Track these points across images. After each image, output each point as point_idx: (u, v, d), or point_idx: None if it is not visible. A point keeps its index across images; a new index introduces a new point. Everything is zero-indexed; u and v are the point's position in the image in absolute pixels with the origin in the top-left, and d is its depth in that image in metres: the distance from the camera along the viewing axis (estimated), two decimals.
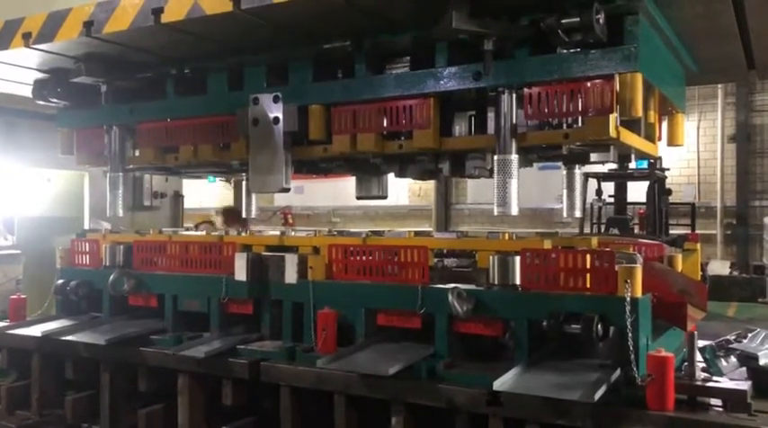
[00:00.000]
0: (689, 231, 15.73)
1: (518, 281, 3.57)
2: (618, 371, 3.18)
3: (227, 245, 4.48)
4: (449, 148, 4.09)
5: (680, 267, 4.49)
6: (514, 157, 3.65)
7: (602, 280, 3.36)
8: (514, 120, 3.66)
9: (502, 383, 3.10)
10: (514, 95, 3.64)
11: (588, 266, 3.41)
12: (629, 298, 3.19)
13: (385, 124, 3.99)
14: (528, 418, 3.16)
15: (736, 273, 17.03)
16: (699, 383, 3.12)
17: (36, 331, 4.62)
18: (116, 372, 4.49)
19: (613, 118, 3.43)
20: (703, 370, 3.29)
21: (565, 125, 3.78)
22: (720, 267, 17.15)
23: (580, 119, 3.62)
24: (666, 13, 3.68)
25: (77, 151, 5.32)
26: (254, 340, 4.24)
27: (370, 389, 3.54)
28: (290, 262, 4.15)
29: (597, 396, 2.90)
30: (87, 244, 5.14)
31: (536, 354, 3.46)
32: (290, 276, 4.14)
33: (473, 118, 4.13)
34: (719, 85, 17.52)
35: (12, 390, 4.87)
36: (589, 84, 3.43)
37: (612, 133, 3.46)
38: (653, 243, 4.41)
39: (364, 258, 4.03)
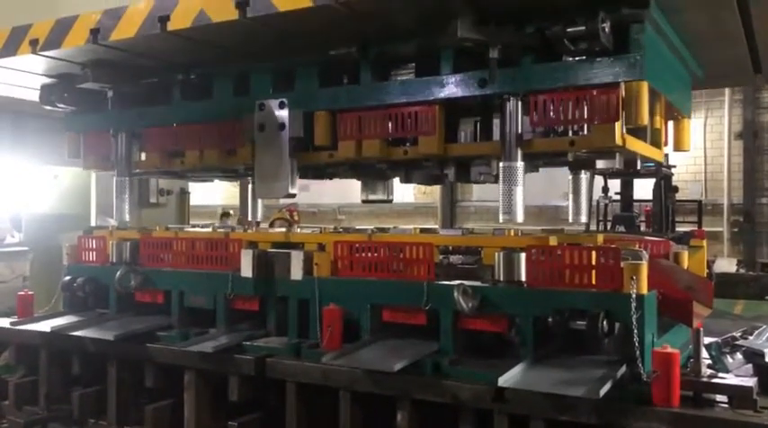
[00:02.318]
0: (695, 228, 15.69)
1: (523, 278, 3.58)
2: (623, 368, 3.18)
3: (233, 241, 4.49)
4: (454, 155, 4.07)
5: (686, 264, 4.49)
6: (520, 165, 3.63)
7: (607, 277, 3.36)
8: (520, 128, 3.64)
9: (507, 379, 3.11)
10: (520, 102, 3.63)
11: (594, 263, 3.41)
12: (634, 295, 3.20)
13: (390, 130, 3.98)
14: (533, 414, 3.17)
15: (743, 271, 16.98)
16: (704, 379, 3.12)
17: (43, 327, 4.65)
18: (123, 368, 4.51)
19: (619, 126, 3.42)
20: (709, 366, 3.29)
21: (570, 132, 3.77)
22: (727, 265, 17.10)
23: (586, 126, 3.61)
24: (672, 19, 3.66)
25: (84, 155, 5.31)
26: (260, 336, 4.26)
27: (376, 385, 3.55)
28: (296, 258, 4.15)
29: (602, 392, 2.90)
30: (94, 240, 5.16)
31: (541, 351, 3.46)
32: (296, 273, 4.15)
33: (478, 123, 4.11)
34: None
35: (19, 386, 4.90)
36: (595, 92, 3.41)
37: (618, 141, 3.45)
38: (659, 240, 4.40)
39: (370, 255, 4.03)
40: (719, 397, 3.09)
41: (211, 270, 4.50)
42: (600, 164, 3.80)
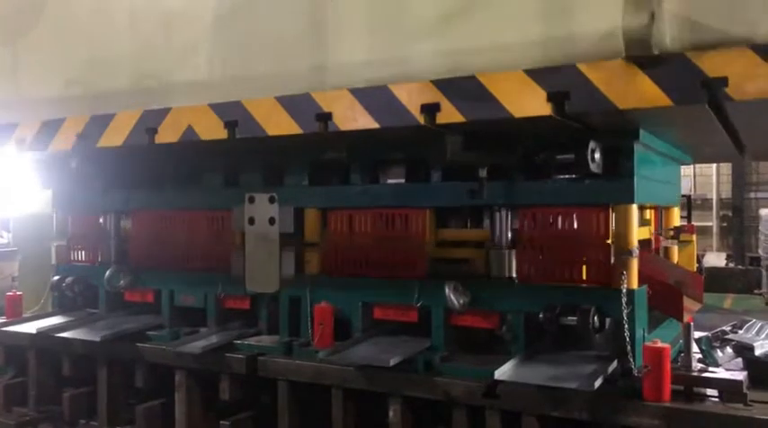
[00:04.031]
0: (685, 223, 15.75)
1: (514, 274, 3.58)
2: (614, 363, 3.20)
3: (225, 240, 4.47)
4: (446, 256, 3.96)
5: (676, 259, 4.51)
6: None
7: (598, 272, 3.37)
8: (510, 234, 3.62)
9: (502, 372, 3.11)
10: (510, 212, 3.62)
11: (584, 258, 3.41)
12: (625, 290, 3.20)
13: (381, 230, 3.94)
14: (524, 410, 3.17)
15: (732, 265, 17.08)
16: (695, 374, 3.13)
17: (32, 328, 4.61)
18: (113, 368, 4.49)
19: (609, 242, 3.40)
20: (699, 360, 3.31)
21: None
22: (716, 259, 17.21)
23: None
24: (661, 137, 3.66)
25: (72, 234, 5.19)
26: (252, 335, 4.25)
27: (368, 383, 3.55)
28: (287, 256, 4.14)
29: (596, 384, 2.92)
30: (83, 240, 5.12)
31: (533, 347, 3.47)
32: (288, 271, 4.14)
33: (469, 221, 4.01)
34: None
35: (9, 387, 4.87)
36: (584, 212, 3.41)
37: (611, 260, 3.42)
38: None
39: (361, 252, 4.02)
40: (710, 392, 3.10)
41: (202, 269, 4.48)
42: None
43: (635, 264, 3.31)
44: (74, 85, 4.27)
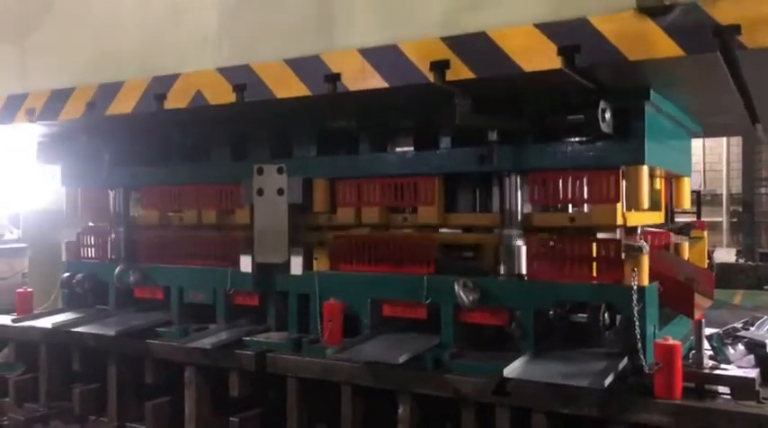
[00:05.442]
0: (695, 219, 15.66)
1: (524, 271, 3.56)
2: (625, 360, 3.18)
3: (232, 236, 4.47)
4: (453, 224, 3.98)
5: (687, 255, 4.48)
6: (521, 245, 3.59)
7: (608, 269, 3.35)
8: (519, 202, 3.60)
9: (511, 370, 3.10)
10: (520, 177, 3.59)
11: (594, 255, 3.40)
12: (635, 287, 3.19)
13: (389, 199, 3.93)
14: (534, 407, 3.16)
15: (742, 261, 16.96)
16: (706, 371, 3.11)
17: (43, 324, 4.64)
18: (123, 365, 4.50)
19: (620, 206, 3.38)
20: (711, 357, 3.28)
21: (571, 207, 3.76)
22: (726, 255, 17.10)
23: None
24: (672, 99, 3.62)
25: (82, 210, 5.24)
26: (261, 331, 4.25)
27: (377, 380, 3.55)
28: (296, 253, 4.14)
29: (607, 382, 2.90)
30: (93, 237, 5.14)
31: (542, 343, 3.45)
32: (296, 267, 4.14)
33: (478, 191, 4.02)
34: None
35: (20, 383, 4.90)
36: (595, 174, 3.38)
37: (619, 220, 3.42)
38: (659, 231, 4.39)
39: (370, 249, 4.02)
40: (722, 389, 3.08)
41: (211, 265, 4.49)
42: (600, 234, 3.72)
43: (645, 261, 3.29)
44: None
